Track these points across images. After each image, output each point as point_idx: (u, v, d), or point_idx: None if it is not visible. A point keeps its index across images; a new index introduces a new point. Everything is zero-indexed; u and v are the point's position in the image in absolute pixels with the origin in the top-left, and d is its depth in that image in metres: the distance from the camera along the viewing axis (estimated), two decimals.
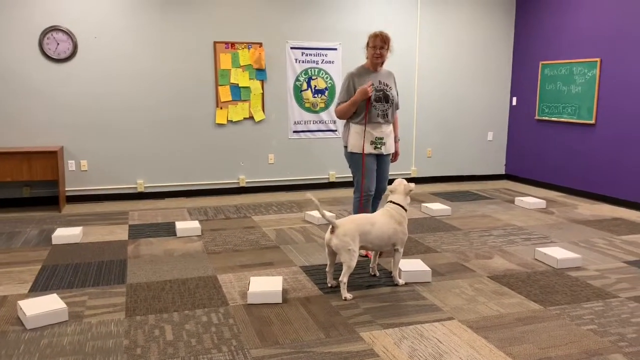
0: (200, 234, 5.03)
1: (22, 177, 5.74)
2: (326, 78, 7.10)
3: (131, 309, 3.35)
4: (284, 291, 3.61)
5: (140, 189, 6.59)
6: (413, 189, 3.78)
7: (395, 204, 3.71)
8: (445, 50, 7.58)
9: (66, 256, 4.38)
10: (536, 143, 7.55)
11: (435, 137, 7.76)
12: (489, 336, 3.00)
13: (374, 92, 4.14)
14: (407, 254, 4.40)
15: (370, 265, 3.98)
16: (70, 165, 6.31)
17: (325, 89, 7.12)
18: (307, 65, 7.01)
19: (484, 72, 7.83)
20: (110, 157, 6.44)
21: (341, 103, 4.23)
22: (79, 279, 3.86)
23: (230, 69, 6.67)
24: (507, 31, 7.83)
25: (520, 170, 7.92)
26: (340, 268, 3.52)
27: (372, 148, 4.22)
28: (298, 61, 6.96)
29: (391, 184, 3.88)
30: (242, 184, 6.98)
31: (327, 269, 3.69)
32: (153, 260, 4.28)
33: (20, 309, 3.16)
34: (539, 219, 5.69)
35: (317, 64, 7.04)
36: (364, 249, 3.67)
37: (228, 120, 6.78)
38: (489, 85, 7.90)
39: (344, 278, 3.49)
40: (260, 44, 6.74)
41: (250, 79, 6.75)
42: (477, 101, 7.87)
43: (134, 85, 6.40)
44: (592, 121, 6.58)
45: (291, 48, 6.90)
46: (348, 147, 4.28)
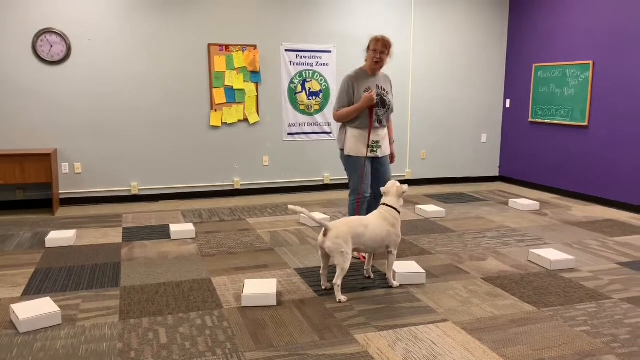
0: (194, 236, 5.02)
1: (16, 180, 5.71)
2: (321, 80, 7.11)
3: (125, 312, 3.34)
4: (279, 294, 3.61)
5: (134, 192, 6.57)
6: (406, 190, 3.79)
7: (389, 207, 3.72)
8: (439, 52, 7.61)
9: (60, 259, 4.36)
10: (530, 145, 7.59)
11: (429, 139, 7.78)
12: (483, 338, 3.00)
13: (379, 97, 4.22)
14: (402, 256, 4.41)
15: (365, 268, 3.98)
16: (64, 167, 6.29)
17: (320, 91, 7.13)
18: (302, 68, 7.01)
19: (477, 74, 7.86)
20: (104, 160, 6.42)
21: (341, 107, 4.25)
22: (73, 282, 3.84)
23: (224, 72, 6.67)
24: (501, 34, 7.87)
25: (513, 172, 7.96)
26: (335, 270, 3.52)
27: (369, 151, 4.26)
28: (292, 63, 6.96)
29: (384, 186, 3.90)
30: (237, 187, 6.97)
31: (321, 271, 3.69)
32: (147, 263, 4.26)
33: (13, 312, 3.15)
34: (532, 220, 5.72)
35: (312, 66, 7.05)
36: (357, 251, 3.68)
37: (222, 123, 6.77)
38: (483, 88, 7.93)
39: (338, 280, 3.49)
40: (255, 47, 6.74)
41: (244, 81, 6.75)
42: (471, 103, 7.90)
43: (128, 88, 6.39)
44: (585, 123, 6.62)
45: (286, 50, 6.91)
46: (345, 150, 4.31)
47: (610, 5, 6.24)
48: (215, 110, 6.72)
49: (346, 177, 4.46)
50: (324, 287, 3.71)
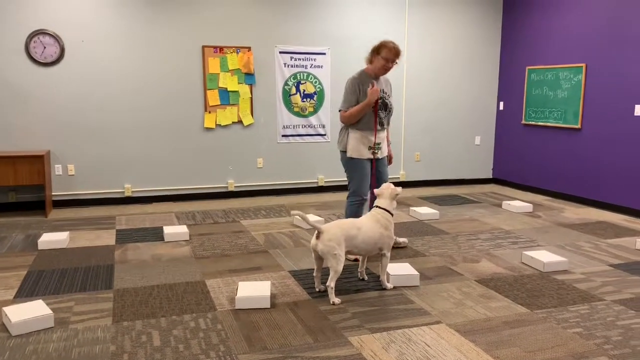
0: (188, 238, 5.01)
1: (8, 182, 5.68)
2: (315, 82, 7.12)
3: (118, 314, 3.33)
4: (272, 296, 3.61)
5: (127, 194, 6.55)
6: (400, 193, 3.80)
7: (382, 209, 3.73)
8: (432, 55, 7.63)
9: (52, 261, 4.34)
10: (523, 147, 7.62)
11: (423, 141, 7.80)
12: (477, 340, 3.01)
13: (380, 101, 4.31)
14: (395, 257, 4.42)
15: (359, 270, 3.99)
16: (57, 169, 6.26)
17: (314, 93, 7.14)
18: (296, 70, 7.02)
19: (471, 77, 7.89)
20: (98, 162, 6.40)
21: (349, 107, 4.29)
22: (66, 285, 3.83)
23: (218, 73, 6.66)
24: (494, 37, 7.91)
25: (507, 174, 7.99)
26: (329, 272, 3.52)
27: (370, 153, 4.35)
28: (287, 65, 6.96)
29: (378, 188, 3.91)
30: (231, 188, 6.97)
31: (315, 273, 3.69)
32: (140, 266, 4.25)
33: (6, 315, 3.13)
34: (525, 222, 5.74)
35: (306, 68, 7.05)
36: (350, 253, 3.69)
37: (217, 125, 6.77)
38: (477, 90, 7.96)
39: (332, 283, 3.49)
40: (249, 48, 6.74)
41: (238, 83, 6.75)
42: (465, 105, 7.93)
43: (122, 90, 6.37)
44: (578, 126, 6.65)
45: (280, 52, 6.91)
46: (347, 152, 4.36)
47: (603, 8, 6.29)
48: (209, 112, 6.71)
49: (341, 179, 4.49)
50: (317, 290, 3.71)
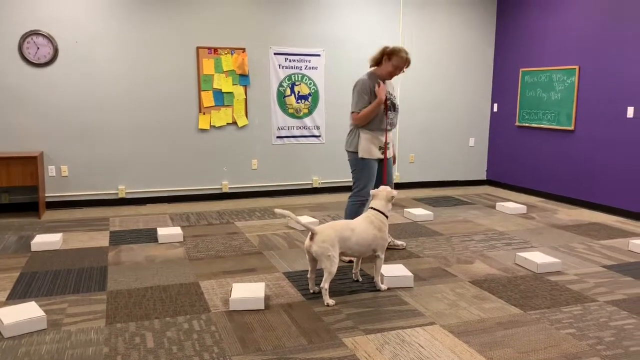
0: (182, 240, 5.00)
1: (1, 183, 5.64)
2: (309, 84, 7.12)
3: (111, 316, 3.31)
4: (267, 297, 3.61)
5: (121, 195, 6.53)
6: (395, 195, 3.81)
7: (376, 210, 3.74)
8: (427, 57, 7.65)
9: (45, 263, 4.32)
10: (517, 149, 7.65)
11: (417, 143, 7.81)
12: (470, 341, 3.02)
13: (389, 102, 4.45)
14: (389, 259, 4.43)
15: (353, 271, 3.99)
16: (51, 170, 6.23)
17: (309, 94, 7.14)
18: (291, 71, 7.02)
19: (465, 79, 7.91)
20: (91, 163, 6.37)
21: (362, 108, 4.35)
22: (59, 286, 3.81)
23: (213, 75, 6.65)
24: (488, 39, 7.93)
25: (501, 176, 8.01)
26: (323, 274, 3.52)
27: (380, 153, 4.46)
28: (281, 67, 6.96)
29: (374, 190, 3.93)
30: (225, 190, 6.95)
31: (309, 275, 3.69)
32: (134, 267, 4.24)
33: None
34: (519, 224, 5.76)
35: (301, 69, 7.06)
36: (344, 255, 3.69)
37: (211, 126, 6.76)
38: (471, 92, 7.98)
39: (326, 284, 3.49)
40: (244, 50, 6.73)
41: (233, 84, 6.75)
42: (459, 107, 7.95)
43: (115, 91, 6.35)
44: (572, 127, 6.68)
45: (275, 54, 6.91)
46: (359, 153, 4.43)
47: (595, 11, 6.32)
48: (204, 113, 6.70)
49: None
50: (312, 291, 3.70)
